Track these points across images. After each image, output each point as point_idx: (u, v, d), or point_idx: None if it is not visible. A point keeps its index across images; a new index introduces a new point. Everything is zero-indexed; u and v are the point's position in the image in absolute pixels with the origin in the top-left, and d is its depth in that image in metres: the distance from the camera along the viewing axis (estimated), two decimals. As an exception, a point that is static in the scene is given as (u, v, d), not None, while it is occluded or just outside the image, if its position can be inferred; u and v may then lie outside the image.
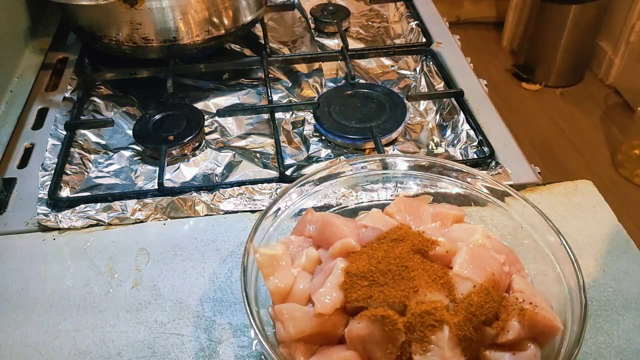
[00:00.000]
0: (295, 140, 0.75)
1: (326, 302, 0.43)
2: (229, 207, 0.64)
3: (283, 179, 0.66)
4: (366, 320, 0.41)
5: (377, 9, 1.03)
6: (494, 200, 0.55)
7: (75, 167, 0.70)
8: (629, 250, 0.59)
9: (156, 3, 0.75)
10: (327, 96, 0.79)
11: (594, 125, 2.19)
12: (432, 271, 0.43)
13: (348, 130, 0.73)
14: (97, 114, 0.79)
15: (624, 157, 2.00)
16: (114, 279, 0.57)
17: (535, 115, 2.25)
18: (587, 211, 0.63)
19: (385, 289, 0.42)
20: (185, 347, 0.51)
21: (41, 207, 0.63)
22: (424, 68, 0.86)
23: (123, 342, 0.52)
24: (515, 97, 2.33)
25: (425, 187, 0.58)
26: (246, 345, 0.51)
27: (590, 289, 0.55)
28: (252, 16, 0.85)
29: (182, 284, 0.56)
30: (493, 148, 0.69)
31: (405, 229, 0.47)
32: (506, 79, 2.42)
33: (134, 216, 0.63)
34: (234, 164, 0.71)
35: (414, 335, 0.40)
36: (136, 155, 0.72)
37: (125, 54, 0.81)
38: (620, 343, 0.51)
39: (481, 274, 0.44)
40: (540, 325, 0.43)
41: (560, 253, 0.48)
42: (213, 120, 0.77)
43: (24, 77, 0.85)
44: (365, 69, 0.88)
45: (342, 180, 0.58)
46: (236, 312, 0.54)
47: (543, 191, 0.65)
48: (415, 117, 0.79)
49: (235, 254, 0.59)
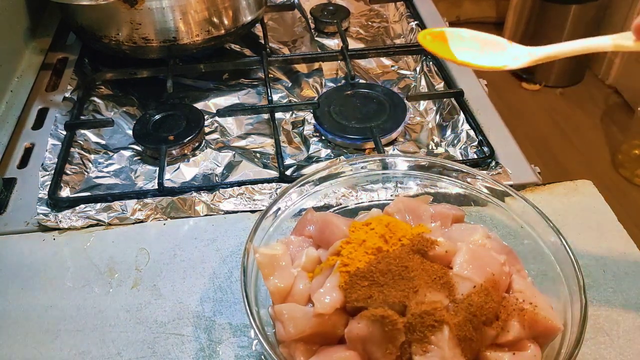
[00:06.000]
0: (295, 140, 0.75)
1: (326, 302, 0.43)
2: (229, 207, 0.64)
3: (283, 179, 0.66)
4: (366, 321, 0.41)
5: (377, 9, 1.03)
6: (494, 200, 0.55)
7: (75, 167, 0.70)
8: (629, 250, 0.59)
9: (156, 3, 0.75)
10: (327, 96, 0.79)
11: (594, 125, 2.19)
12: (432, 271, 0.43)
13: (348, 130, 0.73)
14: (97, 114, 0.79)
15: (624, 157, 1.99)
16: (114, 279, 0.57)
17: (535, 115, 2.25)
18: (587, 211, 0.63)
19: (385, 289, 0.42)
20: (185, 347, 0.51)
21: (41, 207, 0.63)
22: (424, 68, 0.86)
23: (123, 342, 0.52)
24: (515, 97, 2.33)
25: (425, 187, 0.58)
26: (246, 345, 0.51)
27: (590, 289, 0.54)
28: (252, 16, 0.85)
29: (182, 284, 0.56)
30: (493, 148, 0.69)
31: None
32: (506, 79, 2.42)
33: (134, 216, 0.63)
34: (234, 164, 0.71)
35: (414, 336, 0.40)
36: (136, 155, 0.72)
37: (125, 54, 0.81)
38: (620, 343, 0.51)
39: (481, 274, 0.44)
40: (540, 326, 0.43)
41: (560, 253, 0.48)
42: (213, 120, 0.77)
43: (24, 77, 0.85)
44: (365, 69, 0.88)
45: (342, 180, 0.58)
46: (236, 312, 0.54)
47: (543, 191, 0.65)
48: (415, 117, 0.79)
49: (235, 254, 0.59)
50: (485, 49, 0.50)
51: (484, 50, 0.49)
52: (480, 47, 0.50)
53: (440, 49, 0.49)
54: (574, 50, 0.46)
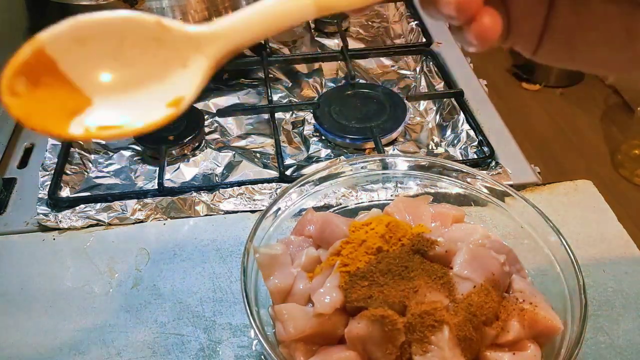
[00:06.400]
0: (295, 140, 0.75)
1: (326, 302, 0.43)
2: (229, 207, 0.64)
3: (283, 179, 0.66)
4: (366, 321, 0.41)
5: (377, 9, 1.03)
6: (494, 200, 0.54)
7: (75, 167, 0.70)
8: (629, 250, 0.59)
9: (156, 3, 0.75)
10: (327, 96, 0.79)
11: (594, 125, 2.19)
12: (432, 271, 0.43)
13: (348, 130, 0.73)
14: (97, 114, 0.79)
15: (624, 157, 1.99)
16: (114, 279, 0.57)
17: (535, 115, 2.25)
18: (587, 211, 0.63)
19: (385, 289, 0.42)
20: (185, 347, 0.51)
21: (41, 207, 0.63)
22: (424, 68, 0.86)
23: (123, 342, 0.52)
24: (515, 97, 2.33)
25: (425, 187, 0.58)
26: (246, 345, 0.51)
27: (590, 289, 0.54)
28: (252, 16, 0.85)
29: (182, 284, 0.56)
30: (493, 148, 0.69)
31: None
32: (506, 79, 2.42)
33: (134, 216, 0.63)
34: (234, 164, 0.71)
35: (413, 336, 0.40)
36: (136, 155, 0.72)
37: (125, 54, 0.81)
38: (620, 343, 0.51)
39: (481, 274, 0.44)
40: (540, 325, 0.43)
41: (560, 253, 0.48)
42: (213, 120, 0.77)
43: (24, 77, 0.85)
44: (365, 69, 0.88)
45: (342, 180, 0.58)
46: (236, 312, 0.54)
47: (543, 191, 0.65)
48: (415, 117, 0.79)
49: (235, 254, 0.59)
50: (128, 51, 0.26)
51: (125, 53, 0.26)
52: (117, 49, 0.26)
53: (39, 110, 0.25)
54: (266, 28, 0.28)
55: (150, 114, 0.26)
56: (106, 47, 0.26)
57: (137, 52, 0.26)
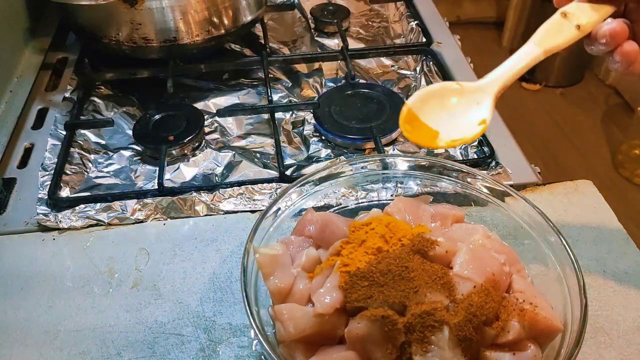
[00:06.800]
0: (295, 140, 0.75)
1: (326, 302, 0.43)
2: (229, 207, 0.64)
3: (283, 179, 0.66)
4: (366, 321, 0.41)
5: (377, 8, 1.03)
6: (494, 200, 0.55)
7: (75, 167, 0.70)
8: (629, 250, 0.59)
9: (156, 3, 0.75)
10: (327, 96, 0.79)
11: (594, 125, 2.19)
12: (432, 271, 0.43)
13: (348, 130, 0.73)
14: (97, 114, 0.79)
15: (624, 157, 1.99)
16: (114, 279, 0.57)
17: (535, 115, 2.25)
18: (587, 211, 0.63)
19: (385, 289, 0.42)
20: (185, 347, 0.51)
21: (41, 207, 0.63)
22: (424, 68, 0.86)
23: (123, 342, 0.52)
24: (515, 97, 2.33)
25: (425, 187, 0.58)
26: (246, 345, 0.51)
27: (590, 289, 0.54)
28: (252, 16, 0.85)
29: (182, 284, 0.56)
30: (493, 148, 0.69)
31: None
32: (506, 79, 2.42)
33: (134, 216, 0.63)
34: (234, 164, 0.71)
35: (414, 336, 0.40)
36: (136, 155, 0.72)
37: (125, 54, 0.81)
38: (620, 343, 0.51)
39: (481, 274, 0.44)
40: (540, 326, 0.43)
41: (560, 253, 0.48)
42: (213, 120, 0.77)
43: (24, 77, 0.85)
44: (365, 69, 0.88)
45: (342, 180, 0.58)
46: (236, 312, 0.54)
47: (543, 191, 0.65)
48: (415, 117, 0.79)
49: (235, 254, 0.59)
50: (447, 101, 0.46)
51: (446, 103, 0.46)
52: (441, 102, 0.47)
53: (420, 136, 0.46)
54: (519, 72, 0.46)
55: (472, 130, 0.46)
56: (436, 101, 0.46)
57: (452, 101, 0.47)
